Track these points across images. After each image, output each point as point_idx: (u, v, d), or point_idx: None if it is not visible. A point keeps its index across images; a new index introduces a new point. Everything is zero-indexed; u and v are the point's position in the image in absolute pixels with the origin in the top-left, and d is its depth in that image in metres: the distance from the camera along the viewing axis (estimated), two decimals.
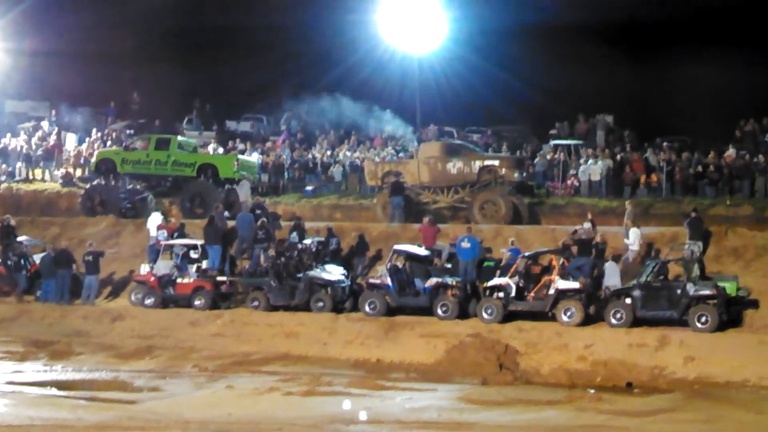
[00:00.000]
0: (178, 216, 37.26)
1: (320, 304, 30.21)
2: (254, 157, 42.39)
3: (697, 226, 30.47)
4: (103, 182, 39.04)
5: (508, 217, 34.95)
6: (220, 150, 44.12)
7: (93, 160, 41.11)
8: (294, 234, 32.99)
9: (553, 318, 28.00)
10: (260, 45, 54.13)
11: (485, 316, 28.37)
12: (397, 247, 30.70)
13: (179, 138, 40.84)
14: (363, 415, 20.95)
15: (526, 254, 29.50)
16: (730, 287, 27.32)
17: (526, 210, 36.24)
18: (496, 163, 36.60)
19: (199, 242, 32.74)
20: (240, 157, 40.30)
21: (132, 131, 48.97)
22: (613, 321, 27.35)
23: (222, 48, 56.77)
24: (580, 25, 52.82)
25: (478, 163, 36.35)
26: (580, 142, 44.93)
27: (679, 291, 27.08)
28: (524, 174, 37.79)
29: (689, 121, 46.82)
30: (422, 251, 30.96)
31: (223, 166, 38.40)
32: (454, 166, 36.48)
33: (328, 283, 30.57)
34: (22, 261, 33.60)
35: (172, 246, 32.78)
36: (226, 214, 35.47)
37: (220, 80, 50.64)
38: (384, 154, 43.92)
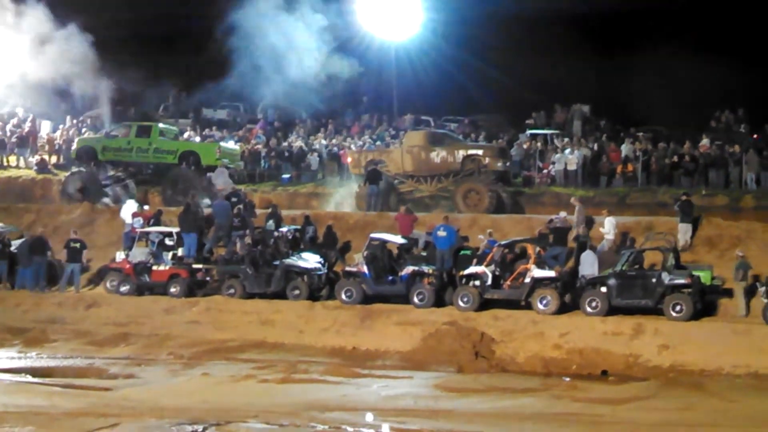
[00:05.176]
0: (159, 204, 37.08)
1: (296, 291, 30.17)
2: (231, 144, 42.23)
3: (687, 210, 30.70)
4: (83, 169, 38.78)
5: (491, 206, 35.02)
6: (197, 138, 43.96)
7: (73, 147, 40.83)
8: (270, 222, 32.92)
9: (529, 306, 28.08)
10: None
11: (461, 304, 28.41)
12: (373, 235, 30.69)
13: (161, 125, 40.58)
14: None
15: (503, 243, 29.57)
16: (704, 276, 27.45)
17: (510, 199, 36.34)
18: (480, 152, 36.68)
19: (175, 230, 32.61)
20: (222, 144, 40.18)
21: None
22: (589, 309, 27.43)
23: (196, 35, 56.36)
24: (557, 15, 52.97)
25: (461, 153, 36.44)
26: (556, 131, 45.08)
27: (654, 280, 27.18)
28: (508, 164, 37.89)
29: (665, 111, 47.02)
30: (399, 239, 30.98)
31: (205, 154, 38.27)
32: (438, 155, 36.56)
33: (304, 271, 30.53)
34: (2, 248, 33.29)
35: (147, 233, 32.66)
36: (207, 201, 35.41)
37: (198, 67, 50.30)
38: (360, 142, 43.93)
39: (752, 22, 51.14)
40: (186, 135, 44.07)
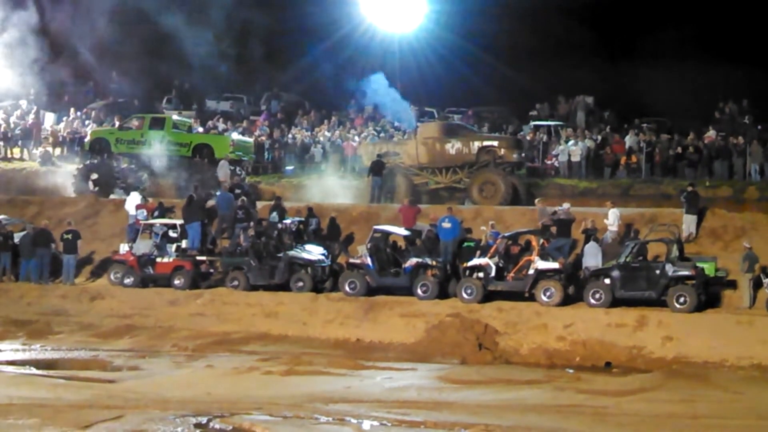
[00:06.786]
0: (172, 196, 37.04)
1: (300, 283, 30.18)
2: (243, 137, 42.12)
3: (693, 201, 30.64)
4: (96, 161, 38.77)
5: (507, 197, 34.85)
6: (200, 129, 43.90)
7: (87, 139, 40.83)
8: (274, 214, 32.91)
9: (533, 298, 28.07)
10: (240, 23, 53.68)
11: (465, 296, 28.40)
12: (376, 227, 30.67)
13: (174, 118, 40.55)
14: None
15: (506, 234, 29.53)
16: (708, 268, 27.47)
17: (525, 190, 36.22)
18: (495, 143, 36.52)
19: (179, 222, 32.63)
20: (234, 137, 40.13)
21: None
22: (593, 301, 27.44)
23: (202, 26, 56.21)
24: (561, 6, 52.86)
25: (477, 144, 36.28)
26: (560, 123, 44.99)
27: (658, 271, 27.18)
28: (523, 155, 37.76)
29: (669, 102, 46.90)
30: (402, 231, 30.94)
31: (218, 146, 38.16)
32: (453, 147, 36.40)
33: (307, 263, 30.55)
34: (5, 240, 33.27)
35: (151, 225, 32.67)
36: (218, 193, 35.51)
37: (202, 58, 50.32)
38: (364, 134, 43.89)
39: (757, 14, 51.04)
40: None
